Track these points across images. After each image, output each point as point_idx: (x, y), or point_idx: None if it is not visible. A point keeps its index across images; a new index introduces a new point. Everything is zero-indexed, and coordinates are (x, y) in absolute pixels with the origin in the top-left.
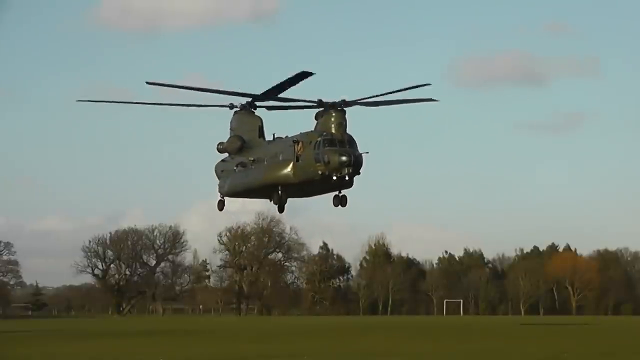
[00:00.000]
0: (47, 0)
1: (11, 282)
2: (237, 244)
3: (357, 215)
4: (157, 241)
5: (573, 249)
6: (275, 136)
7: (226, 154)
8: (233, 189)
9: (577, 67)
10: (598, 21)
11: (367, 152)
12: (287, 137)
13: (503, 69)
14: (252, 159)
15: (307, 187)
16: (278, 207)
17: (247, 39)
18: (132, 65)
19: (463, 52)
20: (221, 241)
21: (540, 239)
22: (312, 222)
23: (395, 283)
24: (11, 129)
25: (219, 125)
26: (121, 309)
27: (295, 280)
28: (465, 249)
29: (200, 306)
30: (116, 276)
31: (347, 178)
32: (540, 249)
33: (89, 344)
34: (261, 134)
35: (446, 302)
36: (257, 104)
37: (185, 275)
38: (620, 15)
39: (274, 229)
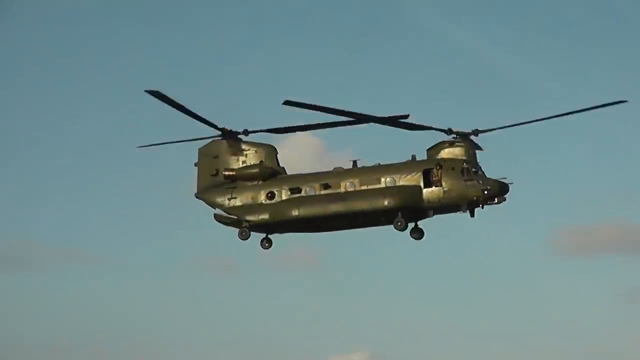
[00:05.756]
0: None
1: None
2: None
3: None
4: None
5: None
6: (358, 164)
7: (224, 184)
8: (295, 217)
9: None
10: None
11: (505, 178)
12: (379, 164)
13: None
14: (324, 184)
15: (422, 212)
16: (402, 229)
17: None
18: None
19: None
20: None
21: None
22: None
23: None
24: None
25: None
26: None
27: None
28: None
29: None
30: None
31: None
32: None
33: None
34: (278, 162)
35: None
36: (250, 129)
37: None
38: None
39: None
